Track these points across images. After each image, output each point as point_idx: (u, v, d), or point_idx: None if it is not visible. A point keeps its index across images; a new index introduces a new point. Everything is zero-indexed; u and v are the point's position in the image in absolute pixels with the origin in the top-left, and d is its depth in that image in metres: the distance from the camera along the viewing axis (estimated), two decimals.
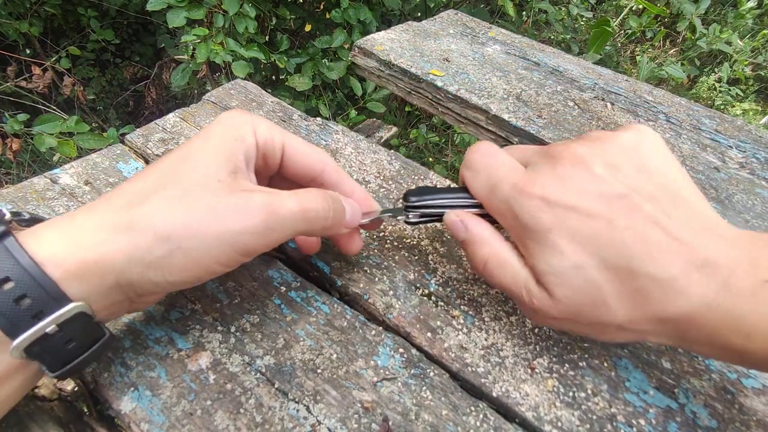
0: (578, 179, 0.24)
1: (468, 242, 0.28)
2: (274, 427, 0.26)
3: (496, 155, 0.28)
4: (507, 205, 0.26)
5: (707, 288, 0.21)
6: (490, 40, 0.71)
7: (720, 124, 0.58)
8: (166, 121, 0.47)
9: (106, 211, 0.23)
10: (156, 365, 0.28)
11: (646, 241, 0.23)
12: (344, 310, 0.32)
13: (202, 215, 0.23)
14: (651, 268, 0.22)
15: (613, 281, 0.23)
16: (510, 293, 0.27)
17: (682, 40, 2.82)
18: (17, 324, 0.20)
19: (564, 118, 0.54)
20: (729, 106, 2.69)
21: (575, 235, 0.24)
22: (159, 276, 0.23)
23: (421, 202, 0.31)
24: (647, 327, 0.23)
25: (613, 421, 0.28)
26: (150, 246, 0.22)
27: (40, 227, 0.23)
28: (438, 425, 0.27)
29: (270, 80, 1.62)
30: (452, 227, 0.29)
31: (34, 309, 0.20)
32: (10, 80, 1.43)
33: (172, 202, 0.23)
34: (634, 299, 0.23)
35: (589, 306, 0.24)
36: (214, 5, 1.09)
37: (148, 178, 0.24)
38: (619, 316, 0.23)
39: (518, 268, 0.26)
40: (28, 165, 1.74)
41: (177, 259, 0.23)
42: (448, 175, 1.65)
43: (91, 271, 0.22)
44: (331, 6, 1.41)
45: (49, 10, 1.65)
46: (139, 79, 2.06)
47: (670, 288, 0.22)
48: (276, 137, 0.29)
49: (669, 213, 0.23)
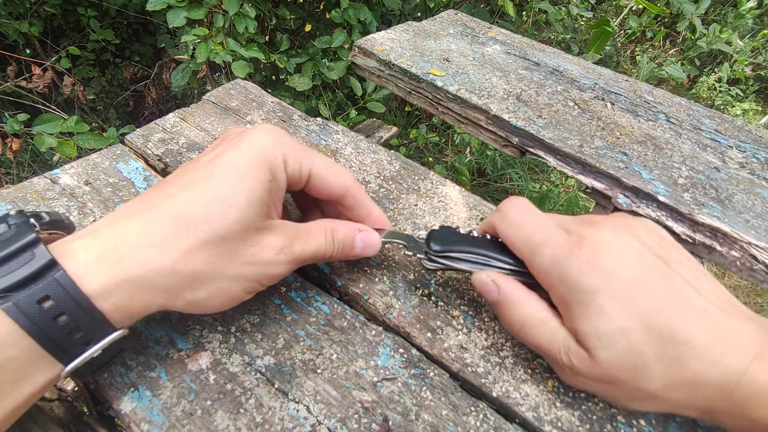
0: (621, 245, 0.26)
1: (502, 303, 0.28)
2: (274, 427, 0.26)
3: (537, 213, 0.29)
4: (553, 265, 0.26)
5: (741, 359, 0.22)
6: (490, 40, 0.71)
7: (720, 124, 0.58)
8: (165, 121, 0.47)
9: (148, 246, 0.23)
10: (156, 365, 0.28)
11: (684, 306, 0.24)
12: (344, 310, 0.32)
13: (240, 265, 0.25)
14: (691, 333, 0.23)
15: (655, 346, 0.23)
16: (546, 353, 0.27)
17: (682, 40, 2.82)
18: (68, 352, 0.22)
19: (564, 118, 0.54)
20: (729, 106, 2.69)
21: (621, 299, 0.24)
22: (197, 310, 0.26)
23: (445, 252, 0.30)
24: (680, 396, 0.24)
25: (613, 421, 0.28)
26: (194, 288, 0.25)
27: (81, 251, 0.23)
28: (438, 425, 0.27)
29: (270, 80, 1.62)
30: (483, 288, 0.29)
31: (84, 339, 0.23)
32: (10, 80, 1.43)
33: (212, 249, 0.24)
34: (673, 366, 0.23)
35: (629, 370, 0.24)
36: (214, 5, 1.09)
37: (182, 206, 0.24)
38: (655, 382, 0.24)
39: (556, 328, 0.27)
40: (28, 165, 1.74)
41: (217, 297, 0.26)
42: (449, 175, 1.65)
43: (136, 306, 0.24)
44: (331, 6, 1.41)
45: (49, 10, 1.65)
46: (139, 79, 2.06)
47: (708, 355, 0.23)
48: (304, 165, 0.29)
49: (696, 285, 0.25)
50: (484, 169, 1.89)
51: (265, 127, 0.28)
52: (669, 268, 0.25)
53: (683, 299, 0.24)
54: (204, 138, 0.45)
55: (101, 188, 0.39)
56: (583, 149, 0.50)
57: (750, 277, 0.43)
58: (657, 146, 0.52)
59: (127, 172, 0.40)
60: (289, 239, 0.27)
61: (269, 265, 0.26)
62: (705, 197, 0.46)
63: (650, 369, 0.24)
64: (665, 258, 0.25)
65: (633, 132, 0.54)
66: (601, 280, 0.25)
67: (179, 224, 0.24)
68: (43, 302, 0.21)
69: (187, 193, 0.25)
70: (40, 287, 0.21)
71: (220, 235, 0.24)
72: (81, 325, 0.22)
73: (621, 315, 0.24)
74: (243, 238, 0.25)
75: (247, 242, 0.25)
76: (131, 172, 0.40)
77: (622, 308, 0.24)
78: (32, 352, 0.21)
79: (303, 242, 0.28)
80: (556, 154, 0.50)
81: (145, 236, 0.24)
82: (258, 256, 0.26)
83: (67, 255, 0.22)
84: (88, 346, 0.23)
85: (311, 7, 1.66)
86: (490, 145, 0.57)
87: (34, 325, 0.21)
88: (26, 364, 0.21)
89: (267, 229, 0.27)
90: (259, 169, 0.26)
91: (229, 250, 0.25)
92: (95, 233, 0.24)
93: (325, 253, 0.29)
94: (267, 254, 0.26)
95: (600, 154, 0.49)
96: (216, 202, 0.24)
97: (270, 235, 0.27)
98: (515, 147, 0.54)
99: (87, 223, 0.35)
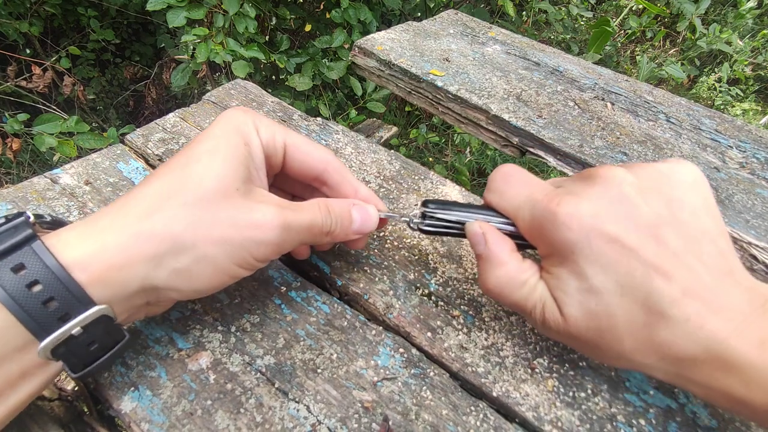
0: (607, 200, 0.24)
1: (485, 259, 0.27)
2: (274, 426, 0.26)
3: (522, 175, 0.28)
4: (535, 219, 0.26)
5: (718, 332, 0.21)
6: (490, 40, 0.71)
7: (720, 124, 0.58)
8: (166, 121, 0.47)
9: (127, 215, 0.23)
10: (156, 365, 0.28)
11: (668, 278, 0.22)
12: (344, 309, 0.32)
13: (225, 227, 0.24)
14: (667, 307, 0.22)
15: (627, 309, 0.23)
16: (520, 310, 0.27)
17: (682, 40, 2.82)
18: (44, 326, 0.21)
19: (564, 118, 0.54)
20: (729, 106, 2.69)
21: (598, 258, 0.23)
22: (186, 284, 0.24)
23: (440, 211, 0.30)
24: (648, 361, 0.23)
25: (614, 421, 0.28)
26: (176, 253, 0.23)
27: (64, 231, 0.23)
28: (438, 425, 0.27)
29: (270, 80, 1.62)
30: (473, 238, 0.28)
31: (60, 311, 0.21)
32: (10, 80, 1.43)
33: (193, 210, 0.24)
34: (643, 332, 0.22)
35: (595, 330, 0.23)
36: (214, 5, 1.09)
37: (162, 183, 0.25)
38: (624, 345, 0.23)
39: (533, 285, 0.26)
40: (28, 165, 1.74)
41: (203, 266, 0.24)
42: (449, 175, 1.65)
43: (116, 276, 0.23)
44: (331, 6, 1.41)
45: (49, 10, 1.65)
46: (139, 79, 2.06)
47: (682, 329, 0.22)
48: (278, 136, 0.29)
49: (695, 251, 0.23)
50: (484, 169, 1.89)
51: (233, 107, 0.29)
52: (664, 229, 0.23)
53: (672, 267, 0.22)
54: None
55: (101, 188, 0.39)
56: (583, 149, 0.50)
57: None
58: (657, 146, 0.52)
59: (128, 171, 0.40)
60: (277, 206, 0.26)
61: (258, 228, 0.25)
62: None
63: (619, 331, 0.23)
64: (665, 218, 0.23)
65: (633, 132, 0.54)
66: (581, 235, 0.23)
67: (160, 195, 0.24)
68: (17, 271, 0.21)
69: (167, 173, 0.25)
70: (16, 255, 0.21)
71: (199, 196, 0.24)
72: (56, 295, 0.21)
73: (595, 274, 0.23)
74: (225, 199, 0.24)
75: (230, 204, 0.24)
76: (131, 172, 0.41)
77: (598, 269, 0.23)
78: (8, 327, 0.21)
79: (295, 211, 0.27)
80: (556, 154, 0.50)
81: (125, 209, 0.23)
82: (244, 218, 0.25)
83: (51, 235, 0.23)
84: (66, 322, 0.22)
85: (311, 7, 1.66)
86: (490, 145, 0.57)
87: (7, 294, 0.20)
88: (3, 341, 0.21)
89: (252, 193, 0.26)
90: (231, 133, 0.26)
91: (212, 212, 0.24)
92: (83, 219, 0.24)
93: (322, 227, 0.28)
94: (254, 216, 0.25)
95: (600, 154, 0.49)
96: (189, 169, 0.25)
97: (256, 201, 0.26)
98: (515, 147, 0.54)
99: None
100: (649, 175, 0.25)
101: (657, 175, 0.25)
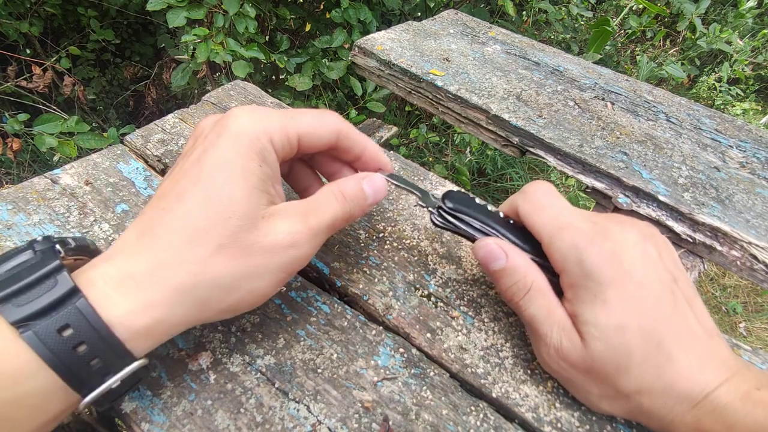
0: (639, 251, 0.26)
1: (508, 270, 0.28)
2: (274, 426, 0.26)
3: (562, 199, 0.29)
4: (572, 249, 0.26)
5: (714, 378, 0.24)
6: (490, 39, 0.71)
7: (720, 123, 0.58)
8: (165, 121, 0.47)
9: (163, 264, 0.23)
10: (156, 365, 0.28)
11: (680, 323, 0.25)
12: (344, 309, 0.32)
13: (263, 259, 0.24)
14: (677, 351, 0.24)
15: (643, 350, 0.24)
16: (538, 328, 0.27)
17: (682, 39, 2.81)
18: (88, 384, 0.21)
19: (564, 117, 0.54)
20: (729, 106, 2.69)
21: (628, 299, 0.25)
22: (231, 314, 0.25)
23: (457, 211, 0.30)
24: (649, 402, 0.25)
25: (613, 422, 0.28)
26: (222, 297, 0.24)
27: (101, 276, 0.22)
28: (438, 425, 0.27)
29: (270, 80, 1.62)
30: (489, 255, 0.28)
31: (103, 370, 0.22)
32: (11, 80, 1.43)
33: (228, 251, 0.23)
34: (652, 371, 0.24)
35: (613, 366, 0.25)
36: (214, 5, 1.09)
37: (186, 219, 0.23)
38: (632, 383, 0.25)
39: (556, 306, 0.27)
40: (29, 165, 1.74)
41: (247, 298, 0.25)
42: (449, 175, 1.65)
43: (160, 328, 0.23)
44: (331, 6, 1.41)
45: (49, 10, 1.65)
46: (139, 79, 2.06)
47: (686, 370, 0.24)
48: (290, 133, 0.27)
49: (692, 308, 0.26)
50: (484, 168, 1.89)
51: (240, 111, 0.26)
52: (676, 286, 0.26)
53: (680, 317, 0.25)
54: None
55: (101, 188, 0.39)
56: (583, 149, 0.50)
57: (750, 276, 0.43)
58: (657, 146, 0.52)
59: (128, 172, 0.41)
60: (300, 216, 0.26)
61: (290, 249, 0.25)
62: (705, 197, 0.46)
63: (632, 370, 0.25)
64: (676, 277, 0.27)
65: (633, 132, 0.54)
66: (616, 274, 0.25)
67: (184, 236, 0.23)
68: (62, 331, 0.20)
69: (182, 202, 0.24)
70: (61, 315, 0.20)
71: (229, 235, 0.23)
72: (100, 354, 0.21)
73: (623, 312, 0.25)
74: (253, 230, 0.24)
75: (258, 233, 0.24)
76: (132, 172, 0.41)
77: (627, 307, 0.25)
78: (50, 383, 0.20)
79: (316, 215, 0.27)
80: (557, 154, 0.50)
81: (156, 257, 0.23)
82: (275, 244, 0.25)
83: (87, 283, 0.22)
84: (107, 377, 0.22)
85: (311, 7, 1.66)
86: (490, 144, 0.57)
87: (54, 355, 0.20)
88: (44, 397, 0.21)
89: (274, 216, 0.25)
90: (247, 157, 0.25)
91: (244, 248, 0.24)
92: (110, 260, 0.23)
93: (344, 216, 0.28)
94: (284, 239, 0.25)
95: (600, 154, 0.49)
96: (214, 204, 0.24)
97: (279, 220, 0.25)
98: (515, 147, 0.54)
99: (87, 223, 0.36)
100: (662, 241, 0.28)
101: (664, 243, 0.28)
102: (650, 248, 0.27)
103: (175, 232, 0.23)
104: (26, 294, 0.21)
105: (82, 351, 0.21)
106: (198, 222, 0.23)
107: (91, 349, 0.21)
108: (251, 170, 0.25)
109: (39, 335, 0.20)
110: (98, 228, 0.35)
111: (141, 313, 0.22)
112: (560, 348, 0.26)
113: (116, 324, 0.21)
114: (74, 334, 0.20)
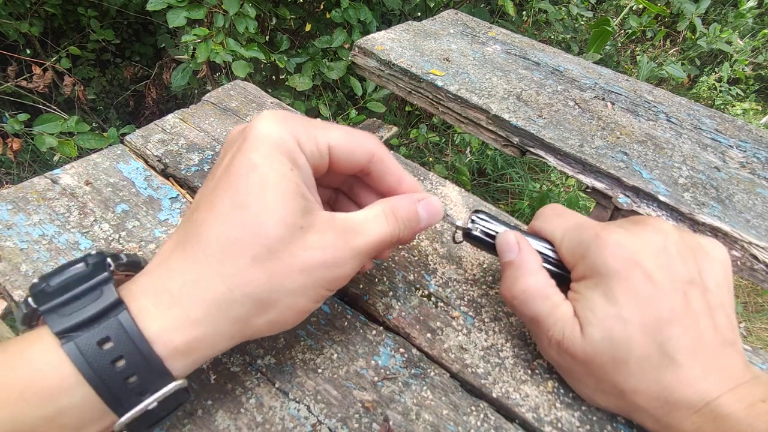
0: (654, 246, 0.26)
1: (515, 266, 0.28)
2: (274, 426, 0.26)
3: (570, 210, 0.30)
4: (581, 243, 0.27)
5: (715, 389, 0.23)
6: (491, 39, 0.71)
7: (720, 123, 0.58)
8: (165, 121, 0.47)
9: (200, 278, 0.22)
10: None
11: (688, 329, 0.24)
12: (345, 309, 0.32)
13: (302, 276, 0.23)
14: (680, 355, 0.24)
15: (643, 348, 0.24)
16: (539, 324, 0.27)
17: (683, 39, 2.81)
18: (124, 402, 0.21)
19: (564, 117, 0.54)
20: (729, 106, 2.69)
21: (632, 292, 0.25)
22: (269, 332, 0.24)
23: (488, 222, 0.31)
24: (645, 403, 0.25)
25: (613, 422, 0.28)
26: (260, 313, 0.23)
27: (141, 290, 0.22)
28: (438, 425, 0.27)
29: (270, 80, 1.62)
30: (505, 246, 0.29)
31: (139, 387, 0.21)
32: (11, 80, 1.43)
33: (265, 265, 0.22)
34: (651, 373, 0.24)
35: (610, 358, 0.25)
36: (214, 5, 1.09)
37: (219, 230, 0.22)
38: (630, 381, 0.24)
39: (559, 303, 0.27)
40: (29, 165, 1.74)
41: (286, 315, 0.24)
42: (449, 175, 1.65)
43: (199, 347, 0.22)
44: (331, 6, 1.41)
45: (49, 10, 1.65)
46: (140, 79, 2.06)
47: (687, 378, 0.24)
48: (320, 140, 0.26)
49: (711, 316, 0.25)
50: (485, 168, 1.89)
51: (265, 115, 0.25)
52: (693, 289, 0.25)
53: (691, 320, 0.24)
54: (204, 139, 0.45)
55: (102, 188, 0.39)
56: (583, 149, 0.50)
57: (751, 276, 0.43)
58: (657, 146, 0.52)
59: (128, 172, 0.41)
60: (343, 233, 0.24)
61: (330, 267, 0.24)
62: (705, 197, 0.46)
63: (630, 367, 0.24)
64: (695, 280, 0.26)
65: (633, 132, 0.54)
66: (622, 267, 0.25)
67: (218, 248, 0.22)
68: (103, 344, 0.20)
69: (214, 213, 0.22)
70: (102, 327, 0.20)
71: (266, 245, 0.22)
72: (138, 371, 0.20)
73: (626, 305, 0.25)
74: (291, 241, 0.22)
75: (296, 245, 0.23)
76: (132, 172, 0.41)
77: (630, 300, 0.25)
78: (87, 400, 0.20)
79: (363, 234, 0.25)
80: (557, 154, 0.50)
81: (191, 271, 0.22)
82: (313, 261, 0.23)
83: (129, 297, 0.21)
84: (144, 396, 0.21)
85: (311, 7, 1.66)
86: (490, 144, 0.57)
87: (92, 369, 0.19)
88: (79, 416, 0.20)
89: (314, 227, 0.23)
90: (276, 160, 0.23)
91: (280, 262, 0.22)
92: (148, 274, 0.23)
93: (392, 238, 0.26)
94: (321, 257, 0.23)
95: (600, 154, 0.49)
96: (247, 212, 0.22)
97: (319, 235, 0.23)
98: (515, 147, 0.54)
99: (87, 223, 0.36)
100: (690, 241, 0.27)
101: (695, 244, 0.27)
102: (669, 246, 0.26)
103: (209, 244, 0.22)
104: (72, 304, 0.20)
105: (121, 366, 0.20)
106: (231, 232, 0.22)
107: (129, 365, 0.20)
108: (282, 174, 0.23)
109: (80, 347, 0.19)
110: (98, 228, 0.35)
111: (178, 329, 0.21)
112: (561, 340, 0.26)
113: (155, 340, 0.21)
114: (113, 348, 0.20)
